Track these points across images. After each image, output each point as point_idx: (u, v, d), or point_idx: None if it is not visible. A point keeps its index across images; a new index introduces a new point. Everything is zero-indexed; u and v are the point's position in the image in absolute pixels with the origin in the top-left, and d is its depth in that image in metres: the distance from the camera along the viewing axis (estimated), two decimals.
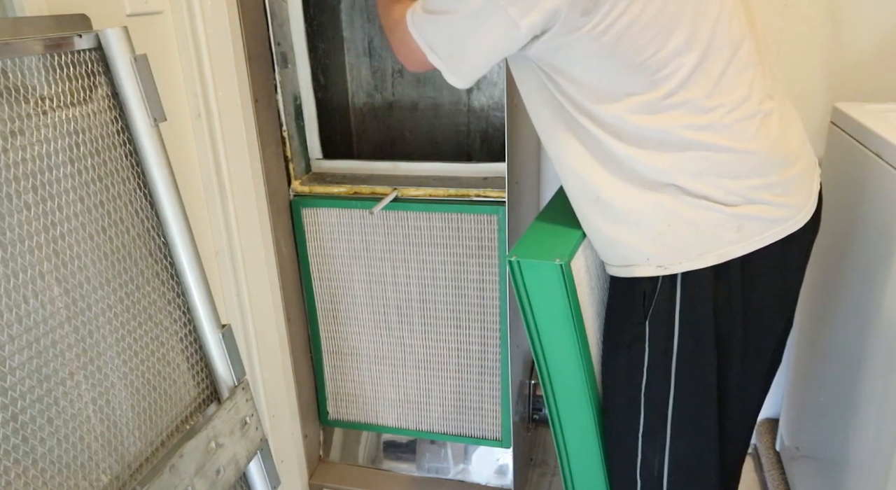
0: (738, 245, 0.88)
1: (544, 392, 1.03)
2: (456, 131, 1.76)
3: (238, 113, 1.23)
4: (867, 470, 1.09)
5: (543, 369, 1.01)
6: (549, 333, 0.98)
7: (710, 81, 0.83)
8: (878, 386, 1.06)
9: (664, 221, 0.88)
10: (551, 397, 1.03)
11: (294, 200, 1.45)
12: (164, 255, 0.97)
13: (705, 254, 0.88)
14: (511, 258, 0.94)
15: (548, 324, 0.97)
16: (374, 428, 1.65)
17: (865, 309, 1.11)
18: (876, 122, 1.14)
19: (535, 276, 0.94)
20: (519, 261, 0.94)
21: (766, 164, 0.87)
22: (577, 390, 1.01)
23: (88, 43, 0.85)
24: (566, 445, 1.07)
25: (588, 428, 1.04)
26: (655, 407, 0.96)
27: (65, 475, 0.78)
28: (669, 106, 0.83)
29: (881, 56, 1.39)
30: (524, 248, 0.97)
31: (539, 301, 0.96)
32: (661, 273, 0.90)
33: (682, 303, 0.90)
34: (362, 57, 1.74)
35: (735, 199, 0.86)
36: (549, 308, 0.96)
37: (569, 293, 0.93)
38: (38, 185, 0.77)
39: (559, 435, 1.06)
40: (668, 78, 0.81)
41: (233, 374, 1.04)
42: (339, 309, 1.54)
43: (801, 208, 0.91)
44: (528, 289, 0.96)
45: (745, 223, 0.87)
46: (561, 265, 0.91)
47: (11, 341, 0.73)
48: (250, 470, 1.08)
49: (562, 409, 1.04)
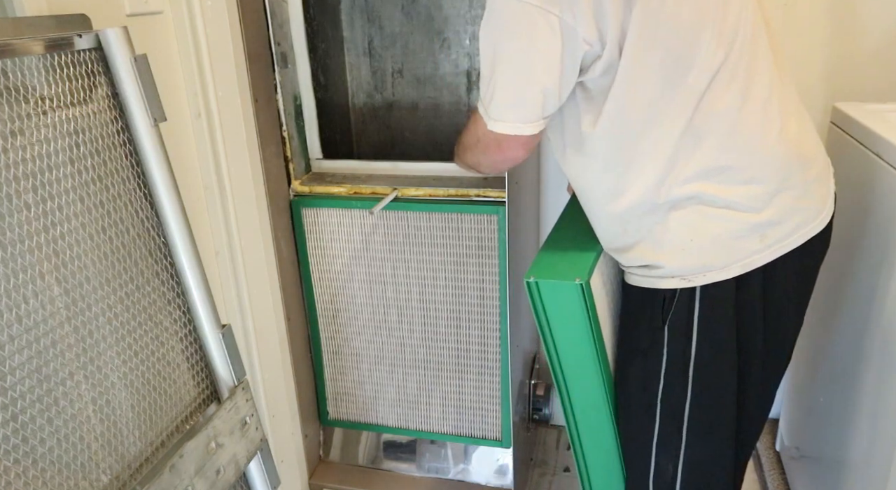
0: (761, 254, 0.87)
1: (563, 408, 1.02)
2: (456, 131, 1.74)
3: (238, 113, 1.23)
4: (867, 470, 1.09)
5: (563, 387, 1.00)
6: (568, 352, 0.96)
7: (738, 81, 0.82)
8: (877, 386, 1.06)
9: (687, 237, 0.87)
10: (570, 414, 1.02)
11: (294, 200, 1.45)
12: (164, 255, 0.97)
13: (729, 265, 0.87)
14: (529, 279, 0.92)
15: (568, 343, 0.95)
16: (374, 428, 1.64)
17: (866, 309, 1.11)
18: (876, 122, 1.14)
19: (554, 297, 0.92)
20: (538, 281, 0.92)
21: (788, 166, 0.86)
22: (598, 406, 0.99)
23: (88, 43, 0.85)
24: (586, 461, 1.06)
25: (609, 443, 1.02)
26: (671, 414, 0.95)
27: (65, 475, 0.78)
28: None
29: (881, 56, 1.39)
30: (541, 267, 0.95)
31: (559, 321, 0.94)
32: (684, 285, 0.89)
33: (702, 311, 0.89)
34: (362, 57, 1.74)
35: (758, 204, 0.85)
36: (569, 327, 0.94)
37: (589, 312, 0.91)
38: (38, 185, 0.77)
39: (579, 451, 1.05)
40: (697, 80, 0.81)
41: (233, 374, 1.04)
42: (339, 309, 1.54)
43: (819, 211, 0.90)
44: (547, 309, 0.94)
45: (768, 231, 0.86)
46: (581, 284, 0.89)
47: (11, 341, 0.73)
48: (250, 470, 1.08)
49: (581, 425, 1.02)
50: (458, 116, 1.74)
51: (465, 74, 1.69)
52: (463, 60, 1.68)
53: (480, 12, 1.62)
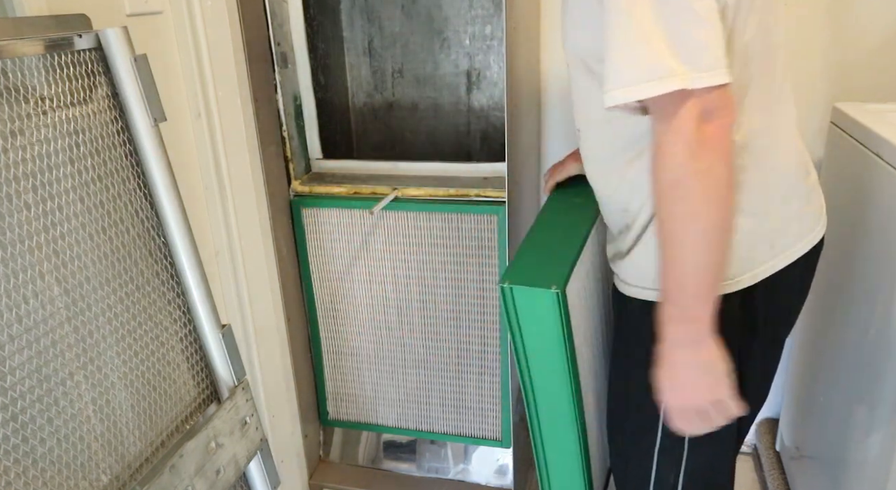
0: (768, 264, 0.84)
1: (528, 415, 0.98)
2: (456, 131, 1.76)
3: (238, 113, 1.23)
4: (867, 470, 1.09)
5: (530, 395, 0.96)
6: (539, 361, 0.93)
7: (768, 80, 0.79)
8: (878, 386, 1.06)
9: None
10: (535, 421, 0.98)
11: (294, 200, 1.45)
12: (164, 255, 0.97)
13: (739, 277, 0.83)
14: (503, 284, 0.89)
15: (539, 351, 0.92)
16: (374, 428, 1.64)
17: (866, 309, 1.11)
18: (876, 122, 1.14)
19: (528, 303, 0.89)
20: (511, 287, 0.88)
21: (795, 172, 0.85)
22: (566, 418, 0.96)
23: (88, 43, 0.85)
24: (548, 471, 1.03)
25: (574, 454, 0.99)
26: None
27: (65, 475, 0.78)
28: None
29: (881, 56, 1.39)
30: (516, 272, 0.91)
31: (531, 328, 0.91)
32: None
33: None
34: (362, 57, 1.74)
35: (772, 209, 0.82)
36: (541, 335, 0.90)
37: (563, 321, 0.88)
38: (38, 185, 0.77)
39: (541, 460, 1.02)
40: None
41: (233, 374, 1.04)
42: (339, 309, 1.54)
43: (819, 218, 0.89)
44: (520, 315, 0.90)
45: (776, 239, 0.84)
46: (557, 293, 0.86)
47: (11, 341, 0.73)
48: (250, 470, 1.08)
49: (546, 434, 0.99)
50: (458, 116, 1.74)
51: (465, 74, 1.69)
52: (463, 60, 1.69)
53: (481, 12, 1.63)
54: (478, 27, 1.64)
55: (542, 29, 1.50)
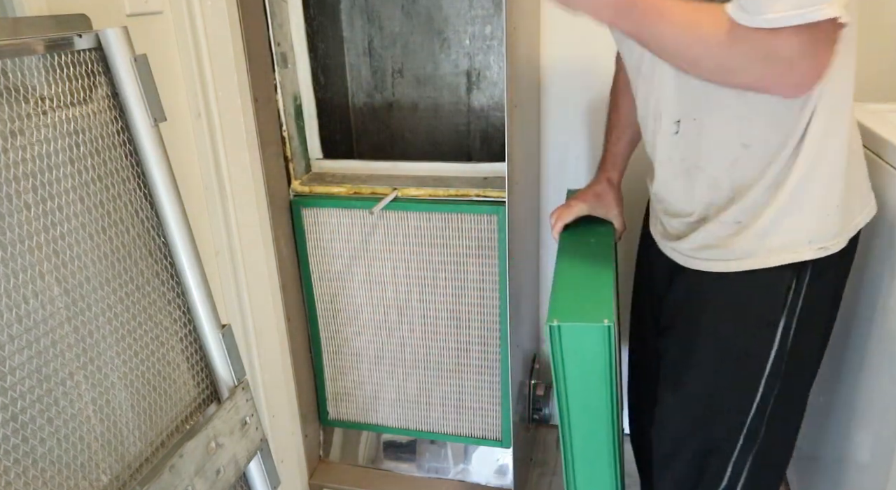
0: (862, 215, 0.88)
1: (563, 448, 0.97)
2: (456, 131, 1.76)
3: (238, 113, 1.23)
4: (867, 470, 1.09)
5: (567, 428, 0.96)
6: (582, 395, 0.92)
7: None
8: (878, 386, 1.06)
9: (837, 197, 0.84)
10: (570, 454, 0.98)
11: (294, 200, 1.45)
12: (164, 255, 0.97)
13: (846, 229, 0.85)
14: (552, 323, 0.88)
15: (584, 385, 0.92)
16: (374, 428, 1.65)
17: (867, 310, 1.11)
18: (876, 122, 1.14)
19: (578, 340, 0.88)
20: (560, 325, 0.88)
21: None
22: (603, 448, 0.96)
23: (88, 43, 0.85)
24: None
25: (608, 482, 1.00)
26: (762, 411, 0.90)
27: (65, 475, 0.78)
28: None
29: (881, 56, 1.39)
30: (562, 310, 0.91)
31: (578, 363, 0.90)
32: (822, 255, 0.84)
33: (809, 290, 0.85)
34: (362, 57, 1.74)
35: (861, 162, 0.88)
36: (589, 370, 0.90)
37: (612, 354, 0.88)
38: (38, 185, 0.77)
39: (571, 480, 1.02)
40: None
41: (233, 374, 1.04)
42: (339, 309, 1.54)
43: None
44: (567, 352, 0.89)
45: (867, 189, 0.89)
46: (609, 326, 0.86)
47: (11, 341, 0.73)
48: (250, 470, 1.08)
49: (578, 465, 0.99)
50: (458, 116, 1.74)
51: (465, 74, 1.69)
52: (463, 60, 1.69)
53: (481, 12, 1.63)
54: (478, 27, 1.64)
55: (542, 29, 1.50)
